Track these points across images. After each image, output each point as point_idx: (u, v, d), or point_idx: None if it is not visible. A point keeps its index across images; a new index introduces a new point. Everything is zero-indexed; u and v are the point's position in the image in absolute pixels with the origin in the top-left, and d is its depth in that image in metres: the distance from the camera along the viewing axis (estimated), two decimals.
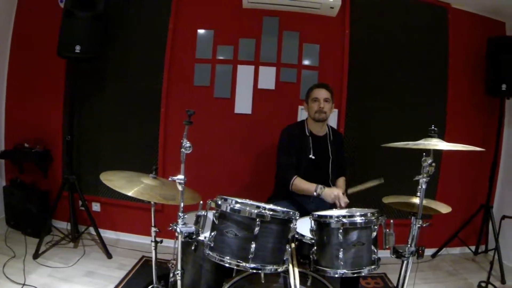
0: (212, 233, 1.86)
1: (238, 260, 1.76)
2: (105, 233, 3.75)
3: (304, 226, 2.10)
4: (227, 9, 3.72)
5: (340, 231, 1.86)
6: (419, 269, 3.44)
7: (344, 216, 1.89)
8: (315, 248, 1.96)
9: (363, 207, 2.15)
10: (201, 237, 1.99)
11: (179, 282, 1.97)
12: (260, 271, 1.85)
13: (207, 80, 3.73)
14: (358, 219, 1.89)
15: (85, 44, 3.29)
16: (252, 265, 1.75)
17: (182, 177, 1.92)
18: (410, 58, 3.83)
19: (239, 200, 1.84)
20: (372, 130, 3.78)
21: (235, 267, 1.79)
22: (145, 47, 3.74)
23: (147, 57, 3.74)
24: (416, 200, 2.09)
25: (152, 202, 2.27)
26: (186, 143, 1.91)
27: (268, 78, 3.73)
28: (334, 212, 2.07)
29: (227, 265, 1.78)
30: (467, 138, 3.09)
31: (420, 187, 1.95)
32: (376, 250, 1.92)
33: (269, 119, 3.70)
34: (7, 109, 3.89)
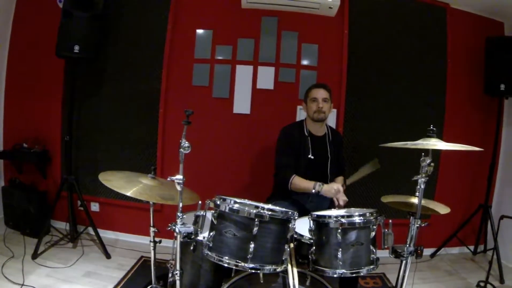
0: (211, 233, 1.86)
1: (237, 260, 1.76)
2: (104, 233, 3.74)
3: (303, 226, 2.10)
4: (226, 9, 3.72)
5: (339, 231, 1.86)
6: (418, 269, 3.44)
7: (343, 216, 1.89)
8: (314, 248, 1.96)
9: (362, 207, 2.16)
10: (200, 237, 1.99)
11: (178, 282, 1.97)
12: (259, 271, 1.85)
13: (206, 80, 3.73)
14: (357, 219, 1.89)
15: (84, 44, 3.29)
16: (251, 265, 1.75)
17: (181, 177, 1.92)
18: (409, 58, 3.84)
19: (238, 200, 1.84)
20: (371, 130, 3.77)
21: (234, 267, 1.79)
22: (144, 47, 3.74)
23: (146, 57, 3.74)
24: (415, 200, 2.09)
25: (151, 202, 2.27)
26: (185, 143, 1.91)
27: (267, 78, 3.73)
28: (333, 212, 2.08)
29: (226, 265, 1.78)
30: (466, 138, 3.10)
31: (419, 187, 1.95)
32: (375, 250, 1.92)
33: (268, 119, 3.70)
34: (6, 109, 3.88)
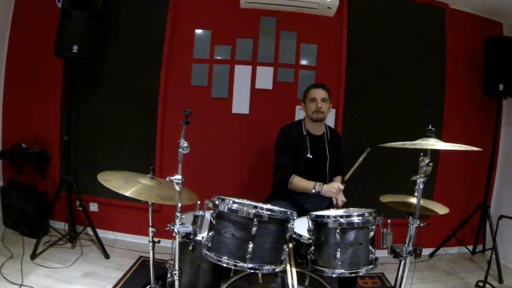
0: (210, 233, 1.86)
1: (236, 260, 1.76)
2: (103, 233, 3.73)
3: (302, 226, 2.10)
4: (225, 9, 3.72)
5: (338, 231, 1.86)
6: (417, 269, 3.43)
7: (342, 216, 1.89)
8: (313, 248, 1.96)
9: (361, 207, 2.16)
10: (199, 237, 1.99)
11: (177, 282, 1.97)
12: (258, 271, 1.85)
13: (205, 80, 3.73)
14: (356, 219, 1.89)
15: (83, 44, 3.28)
16: (250, 265, 1.75)
17: (180, 177, 1.92)
18: (408, 58, 3.84)
19: (237, 200, 1.84)
20: (370, 130, 3.77)
21: (233, 267, 1.79)
22: (143, 47, 3.73)
23: (145, 57, 3.73)
24: (414, 200, 2.09)
25: (150, 202, 2.27)
26: (184, 143, 1.92)
27: (266, 78, 3.73)
28: (332, 212, 2.07)
29: (225, 265, 1.78)
30: (465, 138, 3.10)
31: (418, 187, 1.95)
32: (374, 250, 1.92)
33: (267, 119, 3.70)
34: (5, 109, 3.87)
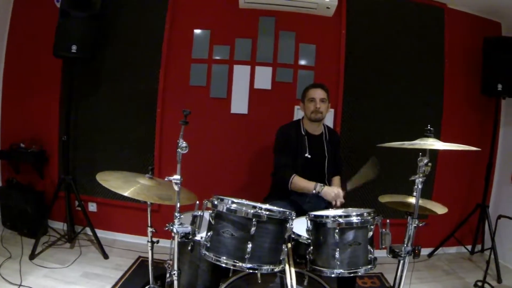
0: (209, 233, 1.86)
1: (235, 260, 1.76)
2: (102, 234, 3.73)
3: (301, 226, 2.10)
4: (224, 9, 3.71)
5: (337, 231, 1.86)
6: (416, 269, 3.44)
7: (340, 216, 1.89)
8: (312, 248, 1.96)
9: (360, 207, 2.16)
10: (198, 237, 1.99)
11: (176, 283, 1.97)
12: (257, 271, 1.85)
13: (203, 80, 3.73)
14: (354, 219, 1.89)
15: (81, 44, 3.28)
16: (249, 265, 1.75)
17: (178, 177, 1.92)
18: (406, 58, 3.84)
19: (235, 200, 1.84)
20: (368, 130, 3.78)
21: (232, 267, 1.79)
22: (141, 47, 3.73)
23: (144, 57, 3.73)
24: (412, 200, 2.09)
25: (149, 202, 2.27)
26: (182, 143, 1.92)
27: (264, 78, 3.73)
28: (330, 212, 2.08)
29: (224, 265, 1.78)
30: (463, 138, 3.11)
31: (416, 187, 1.95)
32: (373, 250, 1.92)
33: (265, 119, 3.70)
34: (3, 109, 3.87)
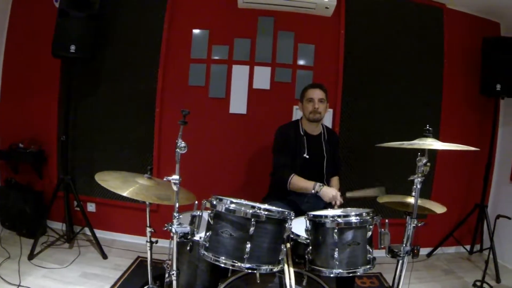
0: (207, 233, 1.86)
1: (234, 260, 1.76)
2: (100, 234, 3.72)
3: (299, 226, 2.10)
4: (222, 9, 3.71)
5: (335, 231, 1.86)
6: (415, 269, 3.44)
7: (339, 216, 1.89)
8: (311, 248, 1.96)
9: (358, 207, 2.16)
10: (196, 237, 1.98)
11: (175, 283, 1.97)
12: (256, 271, 1.85)
13: (202, 80, 3.72)
14: (353, 219, 1.89)
15: (80, 44, 3.28)
16: (248, 265, 1.75)
17: (177, 177, 1.91)
18: (405, 59, 3.84)
19: (234, 200, 1.84)
20: (367, 130, 3.78)
21: (231, 267, 1.80)
22: (140, 47, 3.73)
23: (142, 57, 3.73)
24: (411, 200, 2.09)
25: (147, 203, 2.27)
26: (181, 143, 1.91)
27: (263, 78, 3.73)
28: (329, 212, 2.08)
29: (223, 265, 1.78)
30: (462, 138, 3.10)
31: (415, 187, 1.96)
32: (372, 250, 1.92)
33: (264, 119, 3.70)
34: (2, 109, 3.86)
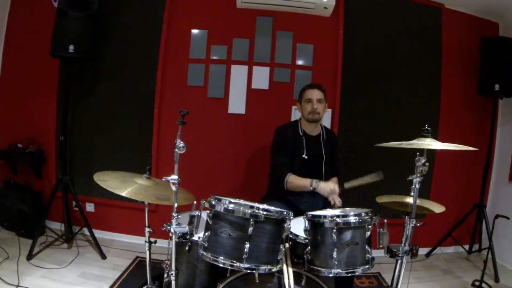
0: (206, 233, 1.85)
1: (232, 260, 1.76)
2: (99, 234, 3.72)
3: (298, 226, 2.10)
4: (221, 9, 3.71)
5: (334, 231, 1.86)
6: (413, 268, 3.45)
7: (338, 216, 1.89)
8: (309, 248, 1.96)
9: (357, 207, 2.16)
10: (195, 238, 1.98)
11: (173, 283, 1.96)
12: (254, 271, 1.84)
13: (201, 80, 3.72)
14: (352, 219, 1.89)
15: (79, 44, 3.27)
16: (246, 265, 1.75)
17: (176, 177, 1.91)
18: (404, 59, 3.85)
19: (233, 200, 1.84)
20: (366, 130, 3.78)
21: (229, 267, 1.79)
22: (139, 47, 3.73)
23: (141, 57, 3.73)
24: (410, 200, 2.09)
25: (146, 203, 2.27)
26: (180, 143, 1.91)
27: (262, 78, 3.73)
28: (328, 212, 2.08)
29: (221, 265, 1.78)
30: (461, 138, 3.11)
31: (414, 187, 1.95)
32: (370, 250, 1.92)
33: (263, 119, 3.70)
34: (0, 109, 3.85)
